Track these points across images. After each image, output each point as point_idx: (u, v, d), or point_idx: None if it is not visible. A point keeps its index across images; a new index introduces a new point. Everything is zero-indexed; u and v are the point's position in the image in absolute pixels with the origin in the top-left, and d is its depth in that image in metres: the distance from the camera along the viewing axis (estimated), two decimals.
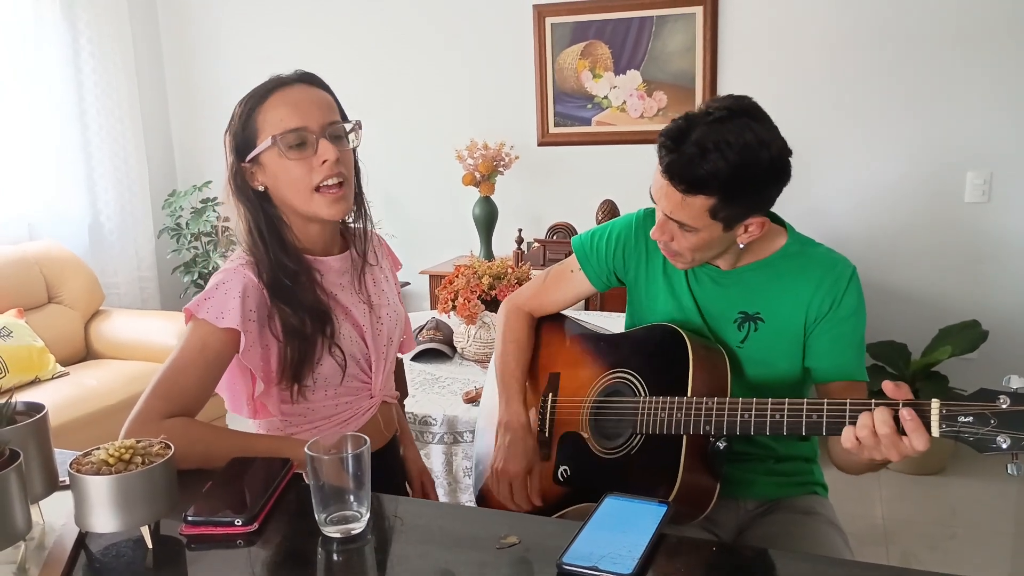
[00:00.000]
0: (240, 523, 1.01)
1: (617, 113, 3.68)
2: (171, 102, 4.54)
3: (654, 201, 1.33)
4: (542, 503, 1.45)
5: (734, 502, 1.48)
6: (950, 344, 3.11)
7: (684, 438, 1.26)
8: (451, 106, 3.96)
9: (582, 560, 0.91)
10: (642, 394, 1.34)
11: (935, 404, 1.04)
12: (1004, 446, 0.99)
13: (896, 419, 1.06)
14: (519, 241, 3.53)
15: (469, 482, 2.10)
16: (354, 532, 1.00)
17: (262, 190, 1.33)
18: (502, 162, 3.66)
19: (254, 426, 1.41)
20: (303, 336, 1.29)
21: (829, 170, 3.39)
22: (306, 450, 1.00)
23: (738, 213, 1.27)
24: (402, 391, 1.82)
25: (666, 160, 1.26)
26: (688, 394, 1.27)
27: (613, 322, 1.67)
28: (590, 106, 3.72)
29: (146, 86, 4.35)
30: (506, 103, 3.86)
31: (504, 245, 3.80)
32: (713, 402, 1.23)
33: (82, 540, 1.01)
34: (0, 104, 3.64)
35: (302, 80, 1.32)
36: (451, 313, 2.52)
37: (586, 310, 3.08)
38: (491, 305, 2.47)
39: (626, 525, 0.99)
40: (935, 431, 1.04)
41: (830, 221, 3.39)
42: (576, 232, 3.59)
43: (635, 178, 3.64)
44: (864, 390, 1.38)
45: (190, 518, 1.01)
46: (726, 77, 3.47)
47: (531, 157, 3.84)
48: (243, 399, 1.34)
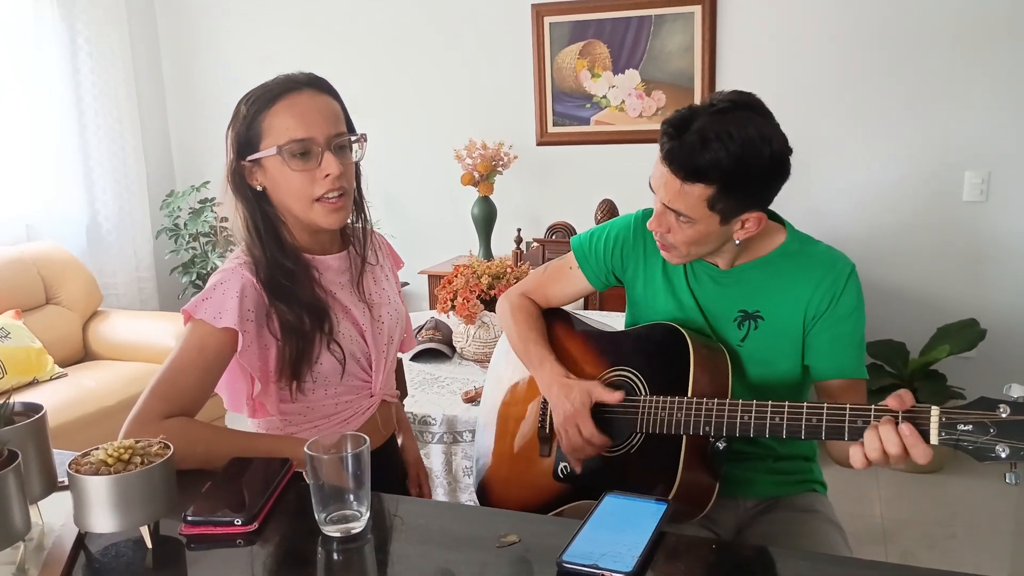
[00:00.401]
0: (240, 523, 1.01)
1: (616, 112, 3.68)
2: (169, 102, 4.54)
3: (653, 190, 1.33)
4: (541, 500, 1.45)
5: (733, 501, 1.48)
6: (948, 343, 3.11)
7: (684, 438, 1.26)
8: (450, 106, 3.96)
9: (582, 558, 0.91)
10: (643, 393, 1.34)
11: (935, 412, 1.04)
12: (1003, 455, 0.99)
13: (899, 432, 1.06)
14: (518, 241, 3.53)
15: (469, 481, 2.10)
16: (354, 531, 1.00)
17: (260, 190, 1.33)
18: (501, 162, 3.66)
19: (253, 425, 1.41)
20: (301, 333, 1.29)
21: (828, 169, 3.39)
22: (306, 450, 1.00)
23: (736, 206, 1.27)
24: (402, 391, 1.82)
25: (667, 147, 1.26)
26: (689, 393, 1.27)
27: (613, 321, 1.67)
28: (589, 105, 3.72)
29: (144, 86, 4.34)
30: (505, 103, 3.86)
31: (503, 245, 3.80)
32: (713, 403, 1.23)
33: (81, 540, 1.00)
34: None
35: (311, 85, 1.30)
36: (450, 313, 2.52)
37: (585, 309, 3.08)
38: (490, 305, 2.47)
39: (626, 523, 0.99)
40: (934, 439, 1.04)
41: (829, 221, 3.39)
42: (575, 232, 3.59)
43: (634, 177, 3.64)
44: (863, 388, 1.38)
45: (190, 518, 1.01)
46: (725, 77, 3.47)
47: (530, 157, 3.84)
48: (242, 398, 1.34)
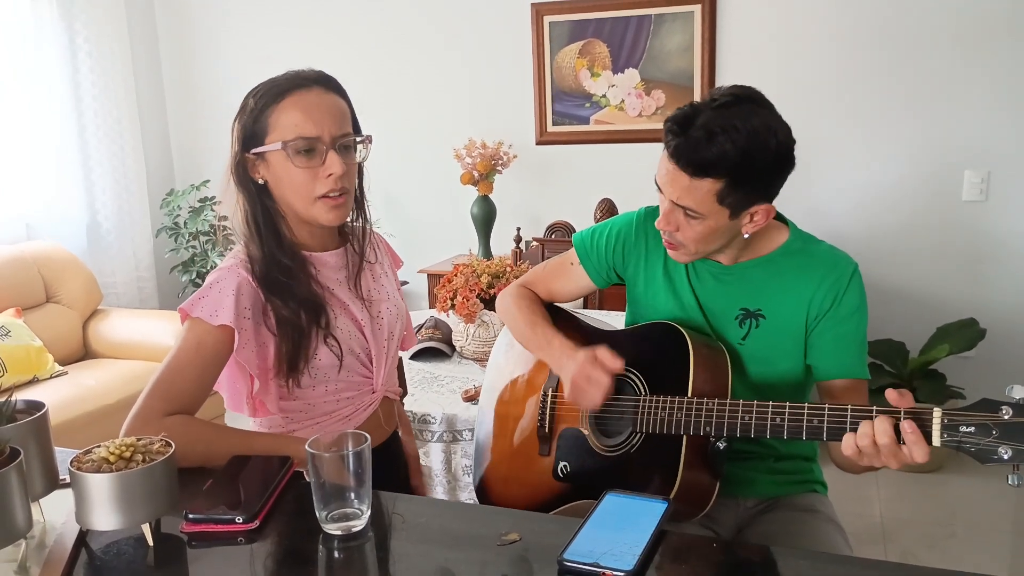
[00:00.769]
0: (241, 521, 1.01)
1: (615, 112, 3.68)
2: (169, 101, 4.54)
3: (660, 189, 1.32)
4: (540, 499, 1.45)
5: (734, 500, 1.48)
6: (948, 342, 3.11)
7: (684, 437, 1.26)
8: (449, 105, 3.96)
9: (583, 557, 0.91)
10: (642, 392, 1.34)
11: (937, 413, 1.04)
12: (1006, 457, 0.99)
13: (897, 428, 1.06)
14: (517, 240, 3.53)
15: (468, 480, 2.10)
16: (355, 529, 1.00)
17: (262, 183, 1.33)
18: (500, 161, 3.66)
19: (255, 425, 1.41)
20: (297, 327, 1.30)
21: (828, 169, 3.39)
22: (307, 448, 1.00)
23: (744, 199, 1.27)
24: (402, 389, 1.82)
25: (673, 144, 1.25)
26: (689, 393, 1.27)
27: (613, 320, 1.67)
28: (588, 105, 3.72)
29: (144, 85, 4.34)
30: (504, 102, 3.86)
31: (502, 244, 3.80)
32: (714, 403, 1.23)
33: (83, 538, 1.01)
34: None
35: (320, 83, 1.31)
36: (450, 312, 2.52)
37: (584, 308, 3.08)
38: (490, 304, 2.47)
39: (626, 522, 0.99)
40: (936, 440, 1.04)
41: (829, 220, 3.39)
42: (574, 231, 3.59)
43: (633, 177, 3.65)
44: (865, 388, 1.38)
45: (191, 516, 1.01)
46: (724, 76, 3.47)
47: (529, 156, 3.84)
48: (243, 397, 1.34)
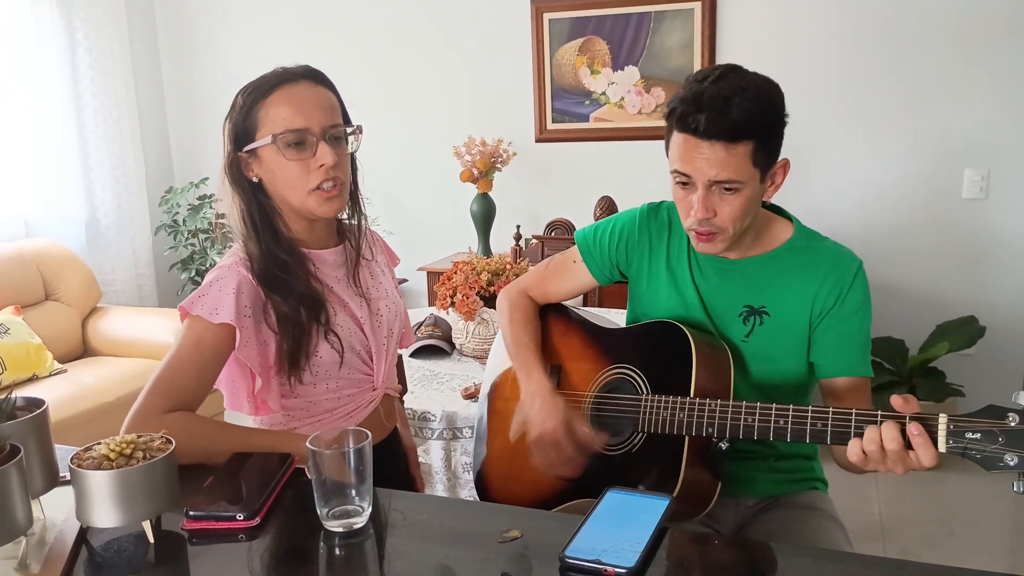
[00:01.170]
0: (242, 518, 1.01)
1: (615, 109, 3.68)
2: (168, 99, 4.53)
3: (685, 182, 1.29)
4: (541, 497, 1.45)
5: (734, 499, 1.48)
6: (948, 340, 3.11)
7: (687, 438, 1.26)
8: (449, 103, 3.96)
9: (584, 553, 0.91)
10: (644, 392, 1.34)
11: (942, 419, 1.03)
12: (1012, 464, 0.98)
13: (903, 433, 1.06)
14: (517, 237, 3.53)
15: (468, 477, 2.10)
16: (356, 527, 1.00)
17: (256, 181, 1.33)
18: (500, 158, 3.66)
19: (256, 423, 1.40)
20: (297, 324, 1.30)
21: (828, 167, 3.39)
22: (308, 445, 1.00)
23: (770, 156, 1.28)
24: (402, 387, 1.82)
25: (697, 121, 1.23)
26: (691, 394, 1.27)
27: (614, 318, 1.67)
28: (588, 102, 3.72)
29: (143, 83, 4.33)
30: (504, 99, 3.86)
31: (502, 242, 3.80)
32: (716, 404, 1.23)
33: (83, 535, 1.00)
34: None
35: (307, 77, 1.32)
36: (449, 309, 2.52)
37: (584, 306, 3.08)
38: (489, 301, 2.47)
39: (628, 519, 0.99)
40: (942, 446, 1.03)
41: (829, 219, 3.39)
42: (574, 229, 3.59)
43: (633, 175, 3.66)
44: (868, 387, 1.38)
45: (192, 513, 1.01)
46: None
47: (529, 153, 3.84)
48: (243, 396, 1.34)
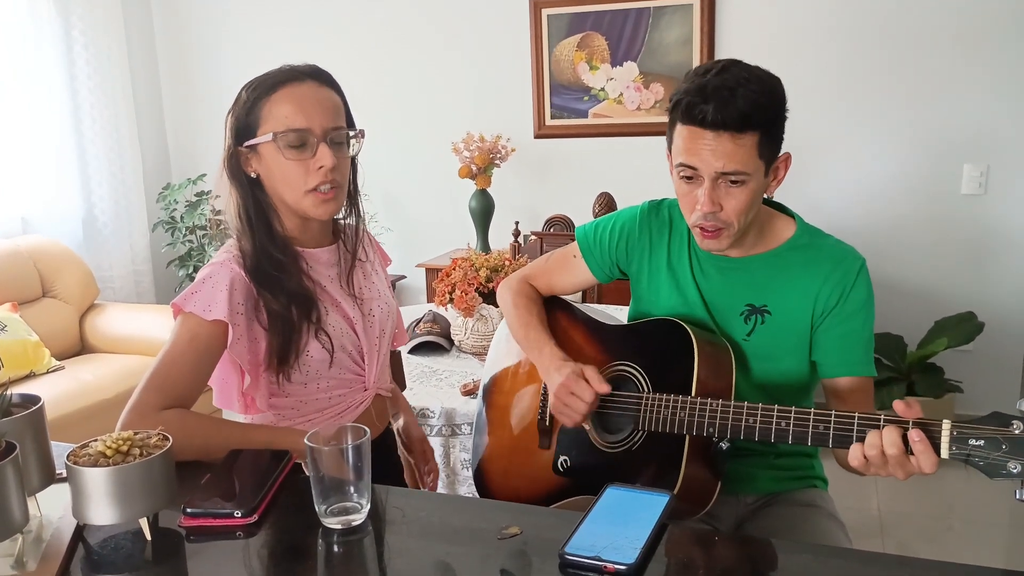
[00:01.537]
0: (239, 515, 1.00)
1: (614, 105, 3.67)
2: (165, 95, 4.52)
3: (689, 176, 1.28)
4: (540, 493, 1.44)
5: (734, 496, 1.47)
6: (946, 336, 3.11)
7: (687, 437, 1.25)
8: (447, 99, 3.95)
9: (584, 550, 0.90)
10: (645, 389, 1.33)
11: (946, 425, 1.03)
12: (1015, 472, 0.97)
13: (904, 439, 1.05)
14: (516, 234, 3.52)
15: (467, 474, 2.10)
16: (354, 523, 1.00)
17: (255, 177, 1.33)
18: (498, 155, 3.65)
19: (246, 421, 1.40)
20: (288, 321, 1.29)
21: (826, 163, 3.39)
22: (306, 441, 1.00)
23: (774, 147, 1.28)
24: (400, 384, 1.82)
25: (704, 112, 1.22)
26: (692, 393, 1.27)
27: (619, 314, 1.66)
28: (587, 98, 3.71)
29: (140, 79, 4.32)
30: (502, 95, 3.85)
31: (501, 238, 3.80)
32: (718, 404, 1.22)
33: (80, 532, 1.00)
34: None
35: (313, 77, 1.31)
36: (448, 306, 2.52)
37: (583, 302, 3.08)
38: (488, 298, 2.47)
39: (628, 515, 0.98)
40: (944, 452, 1.03)
41: (827, 214, 3.39)
42: (573, 225, 3.58)
43: (632, 170, 3.65)
44: (871, 387, 1.37)
45: (189, 510, 1.00)
46: None
47: (527, 150, 3.83)
48: (232, 394, 1.34)
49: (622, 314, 1.66)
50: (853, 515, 2.73)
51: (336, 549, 0.97)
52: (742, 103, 1.21)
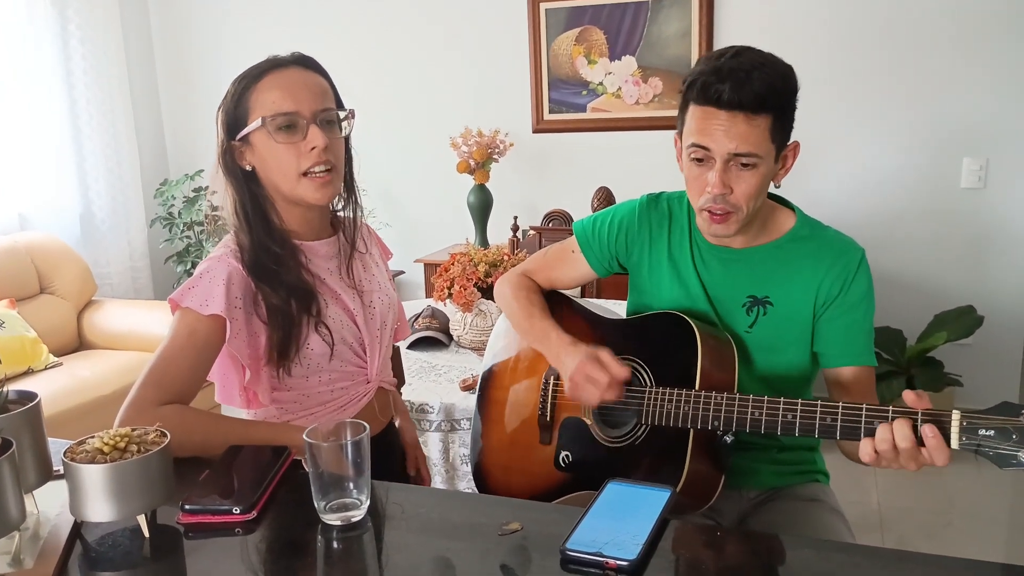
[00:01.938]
0: (238, 511, 0.99)
1: (612, 99, 3.66)
2: (162, 91, 4.50)
3: (707, 157, 1.27)
4: (541, 488, 1.44)
5: (736, 491, 1.46)
6: (945, 330, 3.11)
7: (691, 431, 1.25)
8: (446, 94, 3.93)
9: (585, 546, 0.90)
10: (648, 383, 1.33)
11: (955, 416, 1.02)
12: None
13: (915, 430, 1.05)
14: (514, 229, 3.51)
15: (467, 469, 2.10)
16: (354, 520, 0.99)
17: (250, 170, 1.33)
18: (497, 149, 3.64)
19: (248, 416, 1.39)
20: (287, 315, 1.29)
21: (826, 157, 3.38)
22: (305, 437, 0.99)
23: (785, 133, 1.29)
24: (399, 379, 1.81)
25: (719, 92, 1.22)
26: (696, 386, 1.26)
27: (619, 308, 1.66)
28: (585, 92, 3.70)
29: (137, 75, 4.31)
30: (500, 90, 3.84)
31: (499, 233, 3.79)
32: (723, 397, 1.22)
33: (77, 530, 0.99)
34: None
35: (298, 63, 1.32)
36: (447, 301, 2.51)
37: (582, 297, 3.07)
38: (487, 293, 2.46)
39: (629, 510, 0.98)
40: (954, 443, 1.02)
41: (827, 208, 3.38)
42: (572, 220, 3.57)
43: (631, 165, 3.64)
44: (873, 376, 1.37)
45: (187, 507, 1.00)
46: None
47: (526, 144, 3.82)
48: (235, 389, 1.33)
49: (621, 308, 1.65)
50: (853, 509, 2.73)
51: (335, 545, 0.96)
52: (758, 84, 1.21)
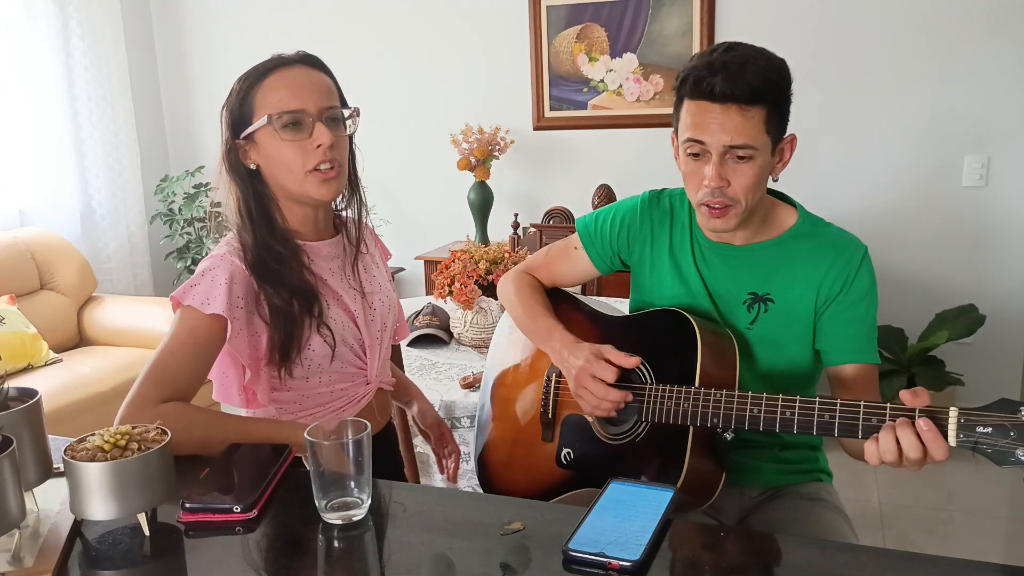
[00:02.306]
0: (239, 510, 0.99)
1: (613, 97, 3.65)
2: (163, 87, 4.49)
3: (702, 151, 1.27)
4: (542, 486, 1.44)
5: (738, 489, 1.46)
6: (947, 329, 3.11)
7: (691, 428, 1.25)
8: (446, 91, 3.93)
9: (588, 546, 0.89)
10: (649, 381, 1.33)
11: (953, 413, 1.02)
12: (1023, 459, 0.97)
13: (919, 436, 1.04)
14: (515, 226, 3.51)
15: (467, 467, 2.09)
16: (355, 518, 0.99)
17: (254, 168, 1.32)
18: (497, 146, 3.64)
19: (248, 416, 1.39)
20: (289, 316, 1.28)
21: (826, 154, 3.37)
22: (306, 435, 0.99)
23: (781, 125, 1.28)
24: (395, 379, 1.81)
25: (713, 84, 1.22)
26: (696, 383, 1.26)
27: (619, 306, 1.65)
28: (586, 90, 3.69)
29: (137, 71, 4.30)
30: (501, 87, 3.83)
31: (500, 230, 3.78)
32: (722, 395, 1.21)
33: (77, 528, 0.99)
34: None
35: (303, 62, 1.32)
36: (447, 298, 2.51)
37: (583, 295, 3.07)
38: (488, 290, 2.46)
39: (632, 510, 0.98)
40: (952, 440, 1.02)
41: (828, 206, 3.36)
42: (573, 217, 3.57)
43: (632, 162, 3.64)
44: (876, 373, 1.36)
45: (188, 505, 0.99)
46: None
47: (526, 141, 3.82)
48: (233, 388, 1.33)
49: (623, 306, 1.65)
50: (853, 506, 2.72)
51: (336, 544, 0.96)
52: (751, 76, 1.21)
